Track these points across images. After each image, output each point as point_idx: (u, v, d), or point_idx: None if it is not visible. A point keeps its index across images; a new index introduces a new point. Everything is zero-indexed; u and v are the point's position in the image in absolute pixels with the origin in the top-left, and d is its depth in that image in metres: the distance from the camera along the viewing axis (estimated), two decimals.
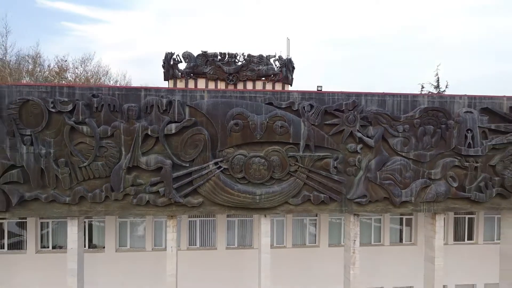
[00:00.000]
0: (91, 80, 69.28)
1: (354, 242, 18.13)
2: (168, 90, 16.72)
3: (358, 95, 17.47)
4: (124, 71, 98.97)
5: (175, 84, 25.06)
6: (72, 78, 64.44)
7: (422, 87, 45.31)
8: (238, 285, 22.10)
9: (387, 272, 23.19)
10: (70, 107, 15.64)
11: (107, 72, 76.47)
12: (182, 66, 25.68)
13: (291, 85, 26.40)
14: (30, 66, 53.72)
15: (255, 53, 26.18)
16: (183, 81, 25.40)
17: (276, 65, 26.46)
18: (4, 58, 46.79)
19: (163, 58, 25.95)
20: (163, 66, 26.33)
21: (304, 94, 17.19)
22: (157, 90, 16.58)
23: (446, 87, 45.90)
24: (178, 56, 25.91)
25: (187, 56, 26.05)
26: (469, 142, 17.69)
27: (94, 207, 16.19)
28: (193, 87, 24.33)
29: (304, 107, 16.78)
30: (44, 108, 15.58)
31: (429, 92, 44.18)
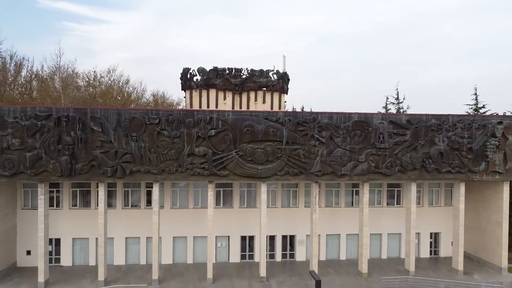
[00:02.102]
0: (115, 87, 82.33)
1: (315, 198, 31.07)
2: (209, 111, 29.57)
3: (317, 113, 30.50)
4: (140, 79, 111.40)
5: (191, 93, 36.09)
6: (100, 88, 77.65)
7: (387, 98, 58.90)
8: (247, 229, 35.16)
9: (340, 224, 36.24)
10: (157, 121, 28.60)
11: (127, 81, 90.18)
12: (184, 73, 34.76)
13: (286, 94, 37.51)
14: (77, 81, 66.94)
15: (257, 67, 35.51)
16: (198, 91, 36.85)
17: (274, 78, 37.37)
18: (53, 78, 59.39)
19: (181, 72, 35.97)
20: (181, 79, 36.39)
21: (285, 113, 30.20)
22: (204, 111, 29.49)
23: (403, 99, 59.50)
24: (194, 71, 36.62)
25: (201, 71, 36.74)
26: (381, 140, 30.66)
27: (169, 176, 29.13)
28: (205, 96, 35.82)
29: (285, 120, 29.73)
30: (142, 121, 28.55)
31: (389, 102, 57.66)
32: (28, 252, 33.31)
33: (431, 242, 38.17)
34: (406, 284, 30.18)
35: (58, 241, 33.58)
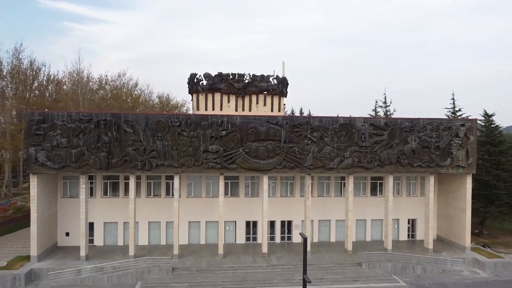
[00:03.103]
0: (124, 90, 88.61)
1: (308, 188, 37.30)
2: (221, 115, 35.72)
3: (309, 117, 36.75)
4: (148, 82, 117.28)
5: (198, 96, 42.12)
6: (111, 92, 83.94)
7: (376, 102, 65.17)
8: (251, 215, 41.36)
9: (331, 211, 42.45)
10: (178, 123, 34.81)
11: (136, 84, 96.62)
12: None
13: (285, 97, 43.64)
14: (93, 86, 73.21)
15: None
16: (204, 94, 42.88)
17: (274, 82, 43.22)
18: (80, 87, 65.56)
19: (188, 77, 41.69)
20: (188, 83, 42.21)
21: (283, 117, 36.43)
22: (216, 115, 35.66)
23: (390, 102, 65.84)
24: (200, 76, 42.48)
25: (207, 76, 42.57)
26: (363, 139, 36.89)
27: (187, 169, 35.33)
28: (211, 99, 41.87)
29: (283, 123, 35.95)
30: (166, 124, 34.74)
31: (379, 105, 64.02)
32: (67, 234, 39.50)
33: (408, 227, 44.42)
34: (383, 258, 36.37)
35: (91, 225, 39.66)
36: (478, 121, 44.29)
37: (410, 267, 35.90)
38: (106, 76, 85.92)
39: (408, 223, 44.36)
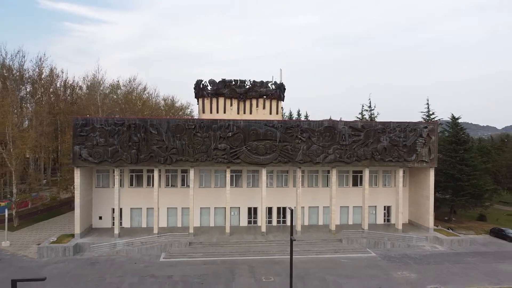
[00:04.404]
0: (134, 94, 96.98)
1: (299, 179, 45.61)
2: (228, 119, 43.96)
3: (299, 121, 45.08)
4: (155, 86, 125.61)
5: (203, 101, 50.74)
6: (122, 94, 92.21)
7: (363, 106, 73.51)
8: (252, 202, 49.68)
9: (319, 199, 50.78)
10: (193, 126, 43.10)
11: (145, 88, 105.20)
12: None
13: (283, 101, 52.13)
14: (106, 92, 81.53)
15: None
16: (209, 99, 51.27)
17: (272, 88, 51.45)
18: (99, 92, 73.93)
19: (195, 83, 49.97)
20: (195, 88, 50.64)
21: (279, 121, 44.76)
22: (223, 119, 43.92)
23: (375, 106, 74.15)
24: (206, 82, 50.78)
25: (212, 82, 50.85)
26: (343, 139, 45.19)
27: (201, 163, 43.64)
28: (215, 103, 50.44)
29: (278, 126, 44.22)
30: (183, 127, 43.03)
31: (365, 109, 72.37)
32: (100, 217, 47.77)
33: (384, 213, 52.74)
34: (360, 236, 44.67)
35: (120, 210, 47.90)
36: (445, 123, 52.64)
37: (382, 243, 44.17)
38: (118, 81, 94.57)
39: (384, 209, 52.69)
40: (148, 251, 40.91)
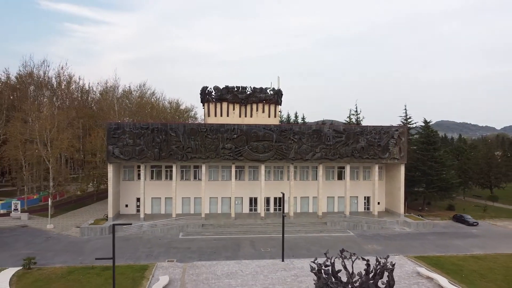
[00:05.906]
0: (145, 98, 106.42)
1: (292, 174, 55.18)
2: (233, 124, 53.45)
3: (292, 125, 54.68)
4: (162, 90, 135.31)
5: (208, 106, 60.33)
6: (135, 99, 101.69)
7: (350, 110, 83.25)
8: (253, 193, 59.29)
9: (309, 191, 60.36)
10: (205, 129, 52.62)
11: (153, 92, 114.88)
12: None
13: (280, 105, 61.93)
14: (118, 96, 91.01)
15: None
16: (213, 103, 60.89)
17: (271, 93, 60.97)
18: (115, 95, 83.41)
19: (200, 89, 59.57)
20: (200, 94, 60.23)
21: (275, 125, 54.34)
22: (229, 124, 53.45)
23: (360, 111, 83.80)
24: (210, 88, 60.40)
25: (216, 88, 60.41)
26: (328, 140, 54.75)
27: (211, 160, 53.18)
28: (219, 108, 59.98)
29: (275, 129, 53.78)
30: (197, 130, 52.58)
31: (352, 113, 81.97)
32: (126, 205, 57.26)
33: (365, 202, 62.32)
34: (342, 220, 54.24)
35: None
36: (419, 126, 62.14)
37: (360, 225, 53.71)
38: (129, 87, 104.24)
39: (364, 199, 62.25)
40: (169, 231, 50.39)
